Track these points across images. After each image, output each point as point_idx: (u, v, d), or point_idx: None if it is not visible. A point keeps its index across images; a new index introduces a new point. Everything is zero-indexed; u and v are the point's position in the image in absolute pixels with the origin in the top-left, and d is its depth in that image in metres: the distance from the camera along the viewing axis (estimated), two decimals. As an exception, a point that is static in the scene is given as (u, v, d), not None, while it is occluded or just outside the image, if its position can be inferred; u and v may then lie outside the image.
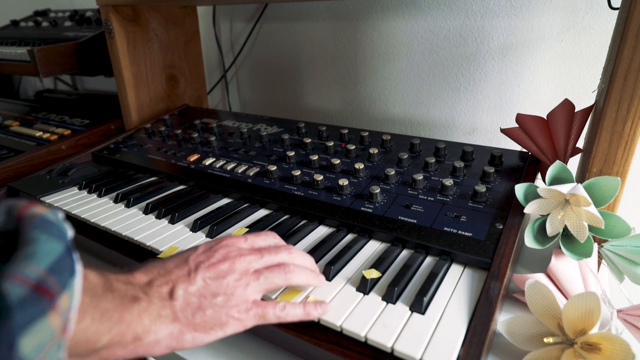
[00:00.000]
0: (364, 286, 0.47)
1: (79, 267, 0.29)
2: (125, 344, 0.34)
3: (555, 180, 0.54)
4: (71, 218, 0.68)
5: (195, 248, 0.43)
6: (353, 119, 1.14)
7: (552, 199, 0.51)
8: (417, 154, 0.72)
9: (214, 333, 0.39)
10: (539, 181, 0.62)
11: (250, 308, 0.40)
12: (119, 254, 0.60)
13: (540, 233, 0.52)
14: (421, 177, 0.62)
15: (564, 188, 0.49)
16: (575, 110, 0.58)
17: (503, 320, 0.45)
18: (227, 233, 0.60)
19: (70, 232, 0.30)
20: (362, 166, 0.67)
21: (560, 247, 0.50)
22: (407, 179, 0.65)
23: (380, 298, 0.45)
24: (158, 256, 0.56)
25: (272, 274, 0.43)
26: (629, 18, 0.46)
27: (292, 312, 0.42)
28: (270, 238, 0.48)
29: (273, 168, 0.70)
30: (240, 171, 0.74)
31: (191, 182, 0.75)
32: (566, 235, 0.51)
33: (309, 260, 0.48)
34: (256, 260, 0.43)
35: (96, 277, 0.34)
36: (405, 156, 0.69)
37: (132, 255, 0.59)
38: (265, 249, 0.45)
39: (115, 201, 0.70)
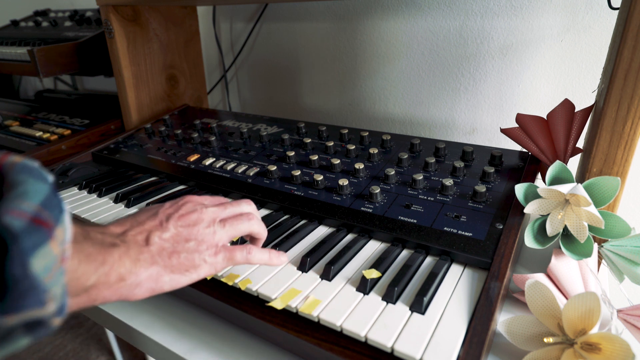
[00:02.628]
0: (364, 286, 0.47)
1: (65, 206, 0.31)
2: (111, 284, 0.36)
3: (555, 180, 0.54)
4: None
5: (161, 204, 0.47)
6: (353, 119, 1.14)
7: (552, 199, 0.51)
8: (417, 154, 0.72)
9: (189, 275, 0.42)
10: (539, 181, 0.62)
11: (219, 251, 0.44)
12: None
13: (540, 233, 0.52)
14: (421, 177, 0.62)
15: (564, 188, 0.49)
16: (575, 110, 0.58)
17: (503, 320, 0.45)
18: (227, 233, 0.60)
19: (50, 177, 0.32)
20: (362, 166, 0.67)
21: (560, 247, 0.50)
22: (407, 179, 0.65)
23: (380, 298, 0.45)
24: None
25: (237, 221, 0.47)
26: (629, 18, 0.46)
27: (259, 255, 0.47)
28: (224, 199, 0.52)
29: (273, 168, 0.70)
30: (240, 171, 0.74)
31: (191, 182, 0.75)
32: (566, 235, 0.51)
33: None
34: (221, 211, 0.47)
35: (74, 226, 0.35)
36: (405, 156, 0.69)
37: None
38: (227, 203, 0.49)
39: (115, 201, 0.70)
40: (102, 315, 0.56)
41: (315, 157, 0.72)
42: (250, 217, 0.48)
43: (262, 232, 0.50)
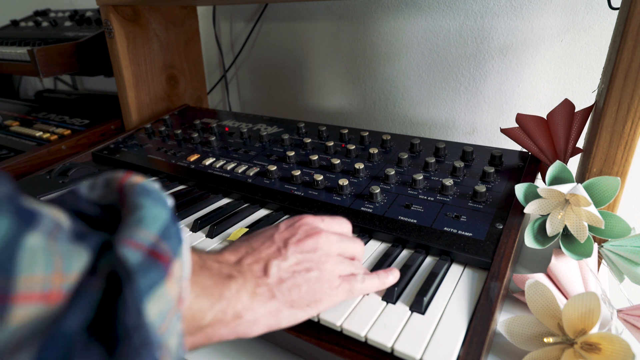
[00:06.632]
0: (364, 286, 0.47)
1: (185, 236, 0.28)
2: (227, 322, 0.33)
3: (555, 180, 0.54)
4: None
5: (276, 226, 0.42)
6: (353, 119, 1.14)
7: (552, 199, 0.51)
8: (417, 154, 0.72)
9: (309, 310, 0.38)
10: (539, 181, 0.62)
11: (340, 284, 0.40)
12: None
13: (540, 233, 0.52)
14: (421, 177, 0.62)
15: (564, 188, 0.49)
16: (575, 110, 0.58)
17: (503, 320, 0.45)
18: (227, 233, 0.60)
19: (170, 201, 0.29)
20: (362, 166, 0.67)
21: (560, 247, 0.50)
22: (407, 179, 0.65)
23: (380, 298, 0.45)
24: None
25: (355, 259, 0.44)
26: (629, 18, 0.46)
27: (371, 283, 0.43)
28: (344, 224, 0.47)
29: (273, 168, 0.70)
30: (240, 171, 0.74)
31: (191, 182, 0.75)
32: (566, 235, 0.51)
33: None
34: (336, 243, 0.42)
35: (191, 254, 0.33)
36: (405, 156, 0.69)
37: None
38: (344, 235, 0.45)
39: (115, 201, 0.70)
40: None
41: (315, 157, 0.72)
42: (361, 258, 0.45)
43: (377, 287, 0.46)
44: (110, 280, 0.22)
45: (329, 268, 0.40)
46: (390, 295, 0.45)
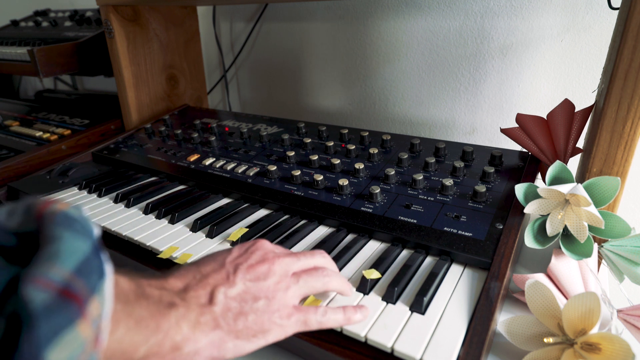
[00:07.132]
0: (364, 286, 0.47)
1: (108, 269, 0.27)
2: (164, 354, 0.31)
3: (555, 180, 0.54)
4: (71, 218, 0.68)
5: (229, 250, 0.41)
6: (353, 119, 1.14)
7: (552, 199, 0.51)
8: (417, 154, 0.72)
9: (256, 341, 0.36)
10: (539, 181, 0.62)
11: (292, 313, 0.38)
12: (119, 254, 0.60)
13: (540, 233, 0.52)
14: (421, 177, 0.62)
15: (564, 188, 0.49)
16: (575, 110, 0.58)
17: (503, 320, 0.45)
18: (227, 233, 0.60)
19: (96, 230, 0.27)
20: (362, 166, 0.67)
21: (560, 247, 0.50)
22: (407, 179, 0.65)
23: (380, 298, 0.45)
24: (158, 256, 0.56)
25: (312, 278, 0.41)
26: (629, 18, 0.46)
27: (334, 317, 0.40)
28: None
29: (273, 168, 0.70)
30: (240, 171, 0.74)
31: (191, 182, 0.75)
32: (566, 235, 0.51)
33: (337, 268, 0.47)
34: (294, 263, 0.41)
35: (127, 282, 0.31)
36: (405, 156, 0.69)
37: (132, 255, 0.59)
38: (300, 253, 0.43)
39: (115, 201, 0.70)
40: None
41: (315, 157, 0.72)
42: (325, 273, 0.42)
43: (344, 289, 0.44)
44: (12, 324, 0.20)
45: (279, 296, 0.38)
46: (390, 296, 0.45)
